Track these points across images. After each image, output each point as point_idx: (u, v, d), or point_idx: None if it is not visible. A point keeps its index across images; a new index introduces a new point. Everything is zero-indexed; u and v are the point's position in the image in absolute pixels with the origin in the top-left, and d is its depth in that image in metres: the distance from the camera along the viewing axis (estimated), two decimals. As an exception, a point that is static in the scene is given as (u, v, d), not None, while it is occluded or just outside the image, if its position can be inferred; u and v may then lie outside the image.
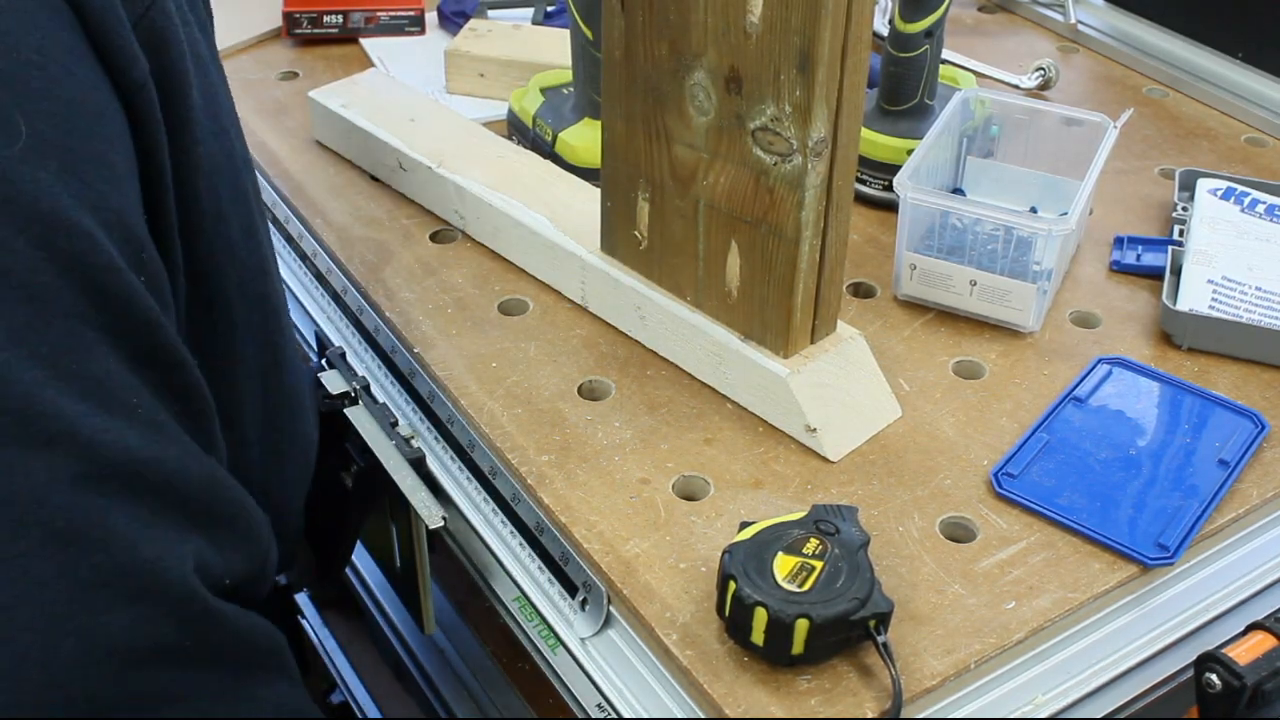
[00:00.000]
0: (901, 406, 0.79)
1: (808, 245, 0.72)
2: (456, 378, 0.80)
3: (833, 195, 0.72)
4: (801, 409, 0.74)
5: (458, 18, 1.25)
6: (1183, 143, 1.09)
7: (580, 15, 0.93)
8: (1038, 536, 0.70)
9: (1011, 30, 1.31)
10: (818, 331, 0.77)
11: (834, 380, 0.76)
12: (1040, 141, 0.95)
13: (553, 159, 0.97)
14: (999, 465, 0.74)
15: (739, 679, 0.62)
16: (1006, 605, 0.66)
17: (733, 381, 0.78)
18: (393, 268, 0.90)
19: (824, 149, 0.70)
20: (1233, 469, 0.74)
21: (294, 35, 1.23)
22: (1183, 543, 0.69)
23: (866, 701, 0.61)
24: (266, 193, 1.01)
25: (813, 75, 0.67)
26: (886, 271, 0.91)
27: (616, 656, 0.66)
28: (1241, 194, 0.94)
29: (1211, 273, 0.86)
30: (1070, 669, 0.65)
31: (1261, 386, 0.81)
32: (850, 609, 0.60)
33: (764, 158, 0.71)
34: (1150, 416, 0.78)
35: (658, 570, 0.67)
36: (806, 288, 0.74)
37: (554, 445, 0.75)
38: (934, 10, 0.94)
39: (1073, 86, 1.19)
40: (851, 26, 0.67)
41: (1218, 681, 0.61)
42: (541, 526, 0.71)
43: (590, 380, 0.80)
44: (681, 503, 0.71)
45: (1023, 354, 0.84)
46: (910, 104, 0.98)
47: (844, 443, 0.75)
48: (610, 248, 0.84)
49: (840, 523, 0.65)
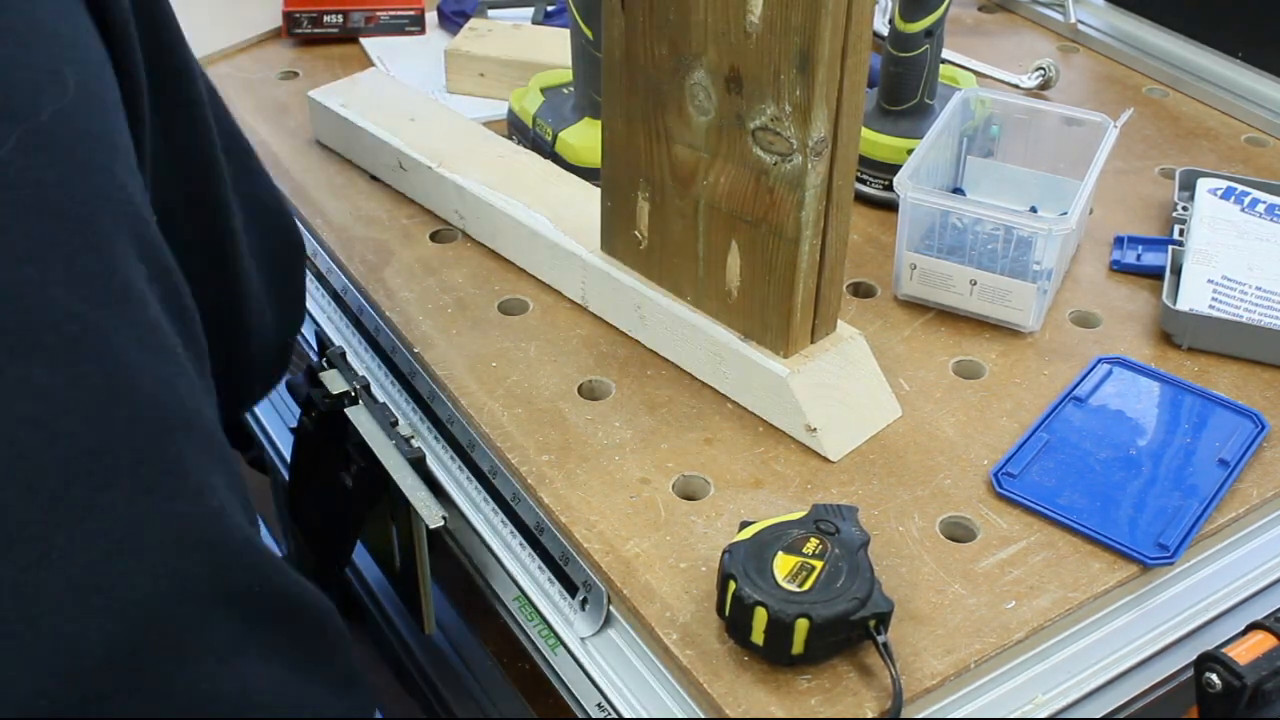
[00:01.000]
0: (901, 406, 0.79)
1: (808, 245, 0.72)
2: (456, 378, 0.80)
3: (833, 195, 0.72)
4: (801, 409, 0.75)
5: (458, 17, 1.25)
6: (1183, 143, 1.09)
7: (580, 15, 0.93)
8: (1038, 536, 0.70)
9: (1011, 30, 1.31)
10: (818, 331, 0.77)
11: (834, 380, 0.76)
12: (1040, 141, 0.95)
13: (553, 159, 0.97)
14: (999, 465, 0.74)
15: (739, 679, 0.62)
16: (1006, 605, 0.66)
17: (733, 381, 0.78)
18: (393, 268, 0.90)
19: (824, 149, 0.70)
20: (1233, 469, 0.74)
21: (294, 35, 1.23)
22: (1183, 542, 0.69)
23: (866, 701, 0.61)
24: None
25: (813, 75, 0.67)
26: (886, 271, 0.91)
27: (616, 656, 0.66)
28: (1241, 194, 0.94)
29: (1212, 272, 0.86)
30: (1070, 669, 0.65)
31: (1261, 386, 0.81)
32: (850, 609, 0.60)
33: (764, 157, 0.71)
34: (1150, 416, 0.78)
35: (658, 570, 0.67)
36: (806, 287, 0.74)
37: (554, 445, 0.75)
38: (934, 10, 0.94)
39: (1073, 86, 1.19)
40: (851, 26, 0.67)
41: (1218, 681, 0.61)
42: (541, 526, 0.71)
43: (590, 380, 0.80)
44: (681, 502, 0.71)
45: (1023, 354, 0.84)
46: (910, 104, 0.98)
47: (844, 443, 0.75)
48: (610, 248, 0.84)
49: (840, 522, 0.65)
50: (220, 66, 1.18)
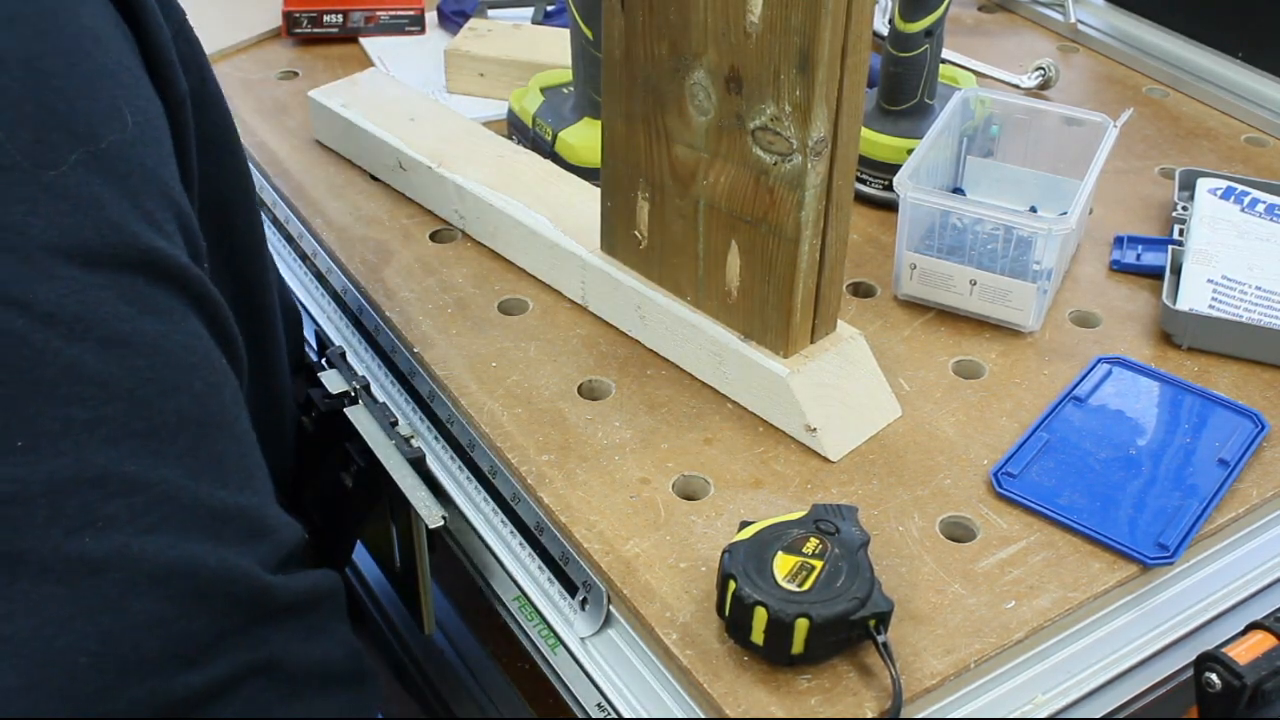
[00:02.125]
0: (901, 406, 0.79)
1: (808, 245, 0.72)
2: (456, 377, 0.80)
3: (833, 195, 0.72)
4: (801, 409, 0.75)
5: (458, 17, 1.25)
6: (1183, 142, 1.09)
7: (580, 15, 0.93)
8: (1038, 536, 0.70)
9: (1011, 30, 1.31)
10: (817, 331, 0.77)
11: (834, 380, 0.76)
12: (1040, 141, 0.95)
13: (553, 159, 0.97)
14: (999, 465, 0.74)
15: (739, 679, 0.62)
16: (1006, 605, 0.66)
17: (732, 381, 0.78)
18: (393, 267, 0.90)
19: (824, 149, 0.70)
20: (1232, 469, 0.74)
21: (294, 35, 1.23)
22: (1182, 542, 0.69)
23: (866, 701, 0.61)
24: (266, 192, 1.01)
25: (813, 75, 0.67)
26: (886, 271, 0.91)
27: (616, 656, 0.66)
28: (1241, 194, 0.94)
29: (1211, 272, 0.86)
30: (1070, 669, 0.65)
31: (1261, 386, 0.81)
32: (850, 608, 0.60)
33: (764, 157, 0.71)
34: (1150, 416, 0.78)
35: (658, 570, 0.67)
36: (806, 287, 0.74)
37: (554, 445, 0.75)
38: (934, 10, 0.94)
39: (1073, 86, 1.19)
40: (851, 26, 0.67)
41: (1217, 681, 0.61)
42: (541, 526, 0.71)
43: (590, 380, 0.80)
44: (681, 502, 0.71)
45: (1023, 354, 0.84)
46: (910, 104, 0.98)
47: (844, 442, 0.75)
48: (610, 247, 0.84)
49: (840, 522, 0.65)
50: (220, 66, 1.18)
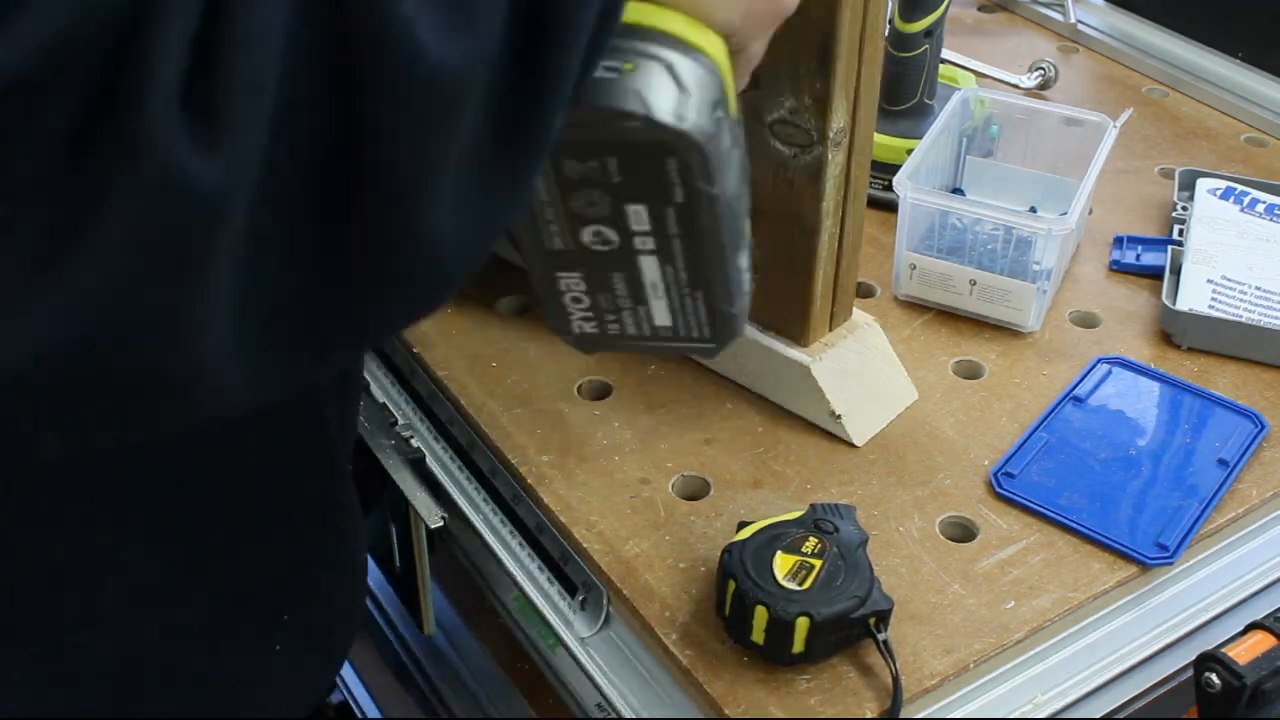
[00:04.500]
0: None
1: (827, 234, 0.72)
2: (456, 378, 0.80)
3: (850, 184, 0.72)
4: (826, 396, 0.75)
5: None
6: (1183, 143, 1.09)
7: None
8: (1037, 536, 0.70)
9: (1011, 30, 1.31)
10: (836, 319, 0.77)
11: (854, 366, 0.76)
12: (1040, 141, 0.95)
13: (553, 159, 0.97)
14: (999, 465, 0.74)
15: (739, 678, 0.62)
16: (1006, 605, 0.66)
17: (750, 372, 0.78)
18: (393, 268, 0.90)
19: (843, 139, 0.70)
20: (1232, 469, 0.74)
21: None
22: (1182, 542, 0.69)
23: (867, 701, 0.61)
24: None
25: (832, 67, 0.67)
26: (886, 271, 0.91)
27: (616, 656, 0.66)
28: (1241, 194, 0.94)
29: (1211, 272, 0.86)
30: (1070, 669, 0.65)
31: (1261, 386, 0.81)
32: (850, 607, 0.60)
33: (782, 150, 0.71)
34: (1150, 416, 0.78)
35: (658, 570, 0.67)
36: (826, 276, 0.74)
37: (554, 445, 0.75)
38: (934, 10, 0.94)
39: (1073, 86, 1.19)
40: (869, 16, 0.67)
41: (1217, 681, 0.61)
42: (541, 526, 0.71)
43: (590, 380, 0.80)
44: (681, 503, 0.72)
45: (1022, 354, 0.84)
46: (910, 104, 0.98)
47: (868, 427, 0.76)
48: (611, 247, 0.84)
49: (839, 521, 0.65)
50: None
